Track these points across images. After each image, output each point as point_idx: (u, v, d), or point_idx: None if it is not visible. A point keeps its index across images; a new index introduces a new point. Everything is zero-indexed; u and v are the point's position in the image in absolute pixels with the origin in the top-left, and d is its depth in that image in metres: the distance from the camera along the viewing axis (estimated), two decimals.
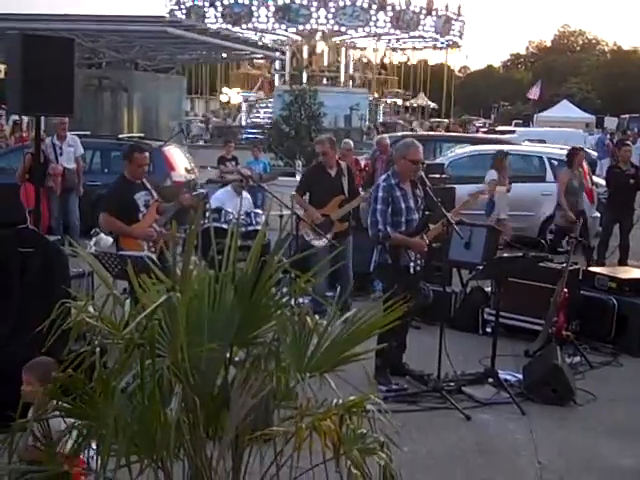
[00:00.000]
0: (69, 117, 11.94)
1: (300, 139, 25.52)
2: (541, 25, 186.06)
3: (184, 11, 47.02)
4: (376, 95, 54.63)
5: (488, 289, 8.93)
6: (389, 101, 58.97)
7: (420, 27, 49.24)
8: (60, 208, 12.40)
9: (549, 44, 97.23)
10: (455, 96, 64.13)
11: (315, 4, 46.17)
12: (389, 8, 47.47)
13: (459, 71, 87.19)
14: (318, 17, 46.49)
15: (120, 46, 24.64)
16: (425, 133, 31.17)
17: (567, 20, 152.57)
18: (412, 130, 40.19)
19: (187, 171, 14.79)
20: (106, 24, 22.53)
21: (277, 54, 40.93)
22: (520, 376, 7.19)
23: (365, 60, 58.15)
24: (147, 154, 7.80)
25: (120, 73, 24.48)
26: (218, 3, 47.21)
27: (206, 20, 42.10)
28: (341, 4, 46.51)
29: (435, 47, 56.18)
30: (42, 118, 9.89)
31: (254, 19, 46.54)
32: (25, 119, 20.84)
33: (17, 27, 16.69)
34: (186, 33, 23.51)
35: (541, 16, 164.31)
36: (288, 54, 49.14)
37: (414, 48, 58.03)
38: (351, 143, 13.64)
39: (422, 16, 48.82)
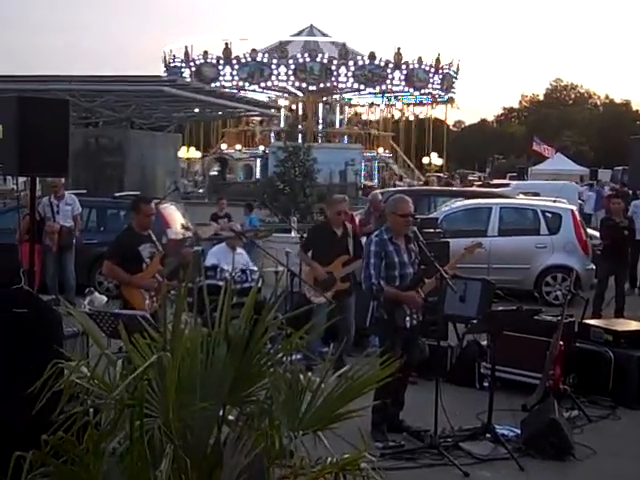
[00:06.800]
0: (64, 177, 12.00)
1: (294, 195, 25.60)
2: (533, 79, 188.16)
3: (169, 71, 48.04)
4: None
5: (484, 343, 8.90)
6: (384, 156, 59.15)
7: (388, 81, 49.48)
8: (56, 266, 12.38)
9: (542, 98, 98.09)
10: (450, 150, 64.39)
11: (275, 60, 46.86)
12: (351, 63, 47.94)
13: (454, 125, 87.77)
14: (279, 74, 47.06)
15: (116, 105, 24.87)
16: (419, 188, 31.28)
17: (559, 74, 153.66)
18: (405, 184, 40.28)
19: (183, 228, 14.82)
20: (102, 84, 22.74)
21: (272, 111, 41.29)
22: (518, 431, 7.13)
23: (354, 116, 58.43)
24: (153, 205, 8.05)
25: (116, 132, 24.66)
26: (192, 63, 48.41)
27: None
28: (300, 61, 47.08)
29: (435, 103, 56.20)
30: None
31: (221, 77, 47.39)
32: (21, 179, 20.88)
33: (15, 88, 16.87)
34: (181, 92, 23.73)
35: (533, 70, 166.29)
36: (282, 111, 49.59)
37: (390, 105, 58.12)
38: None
39: (389, 70, 49.07)
